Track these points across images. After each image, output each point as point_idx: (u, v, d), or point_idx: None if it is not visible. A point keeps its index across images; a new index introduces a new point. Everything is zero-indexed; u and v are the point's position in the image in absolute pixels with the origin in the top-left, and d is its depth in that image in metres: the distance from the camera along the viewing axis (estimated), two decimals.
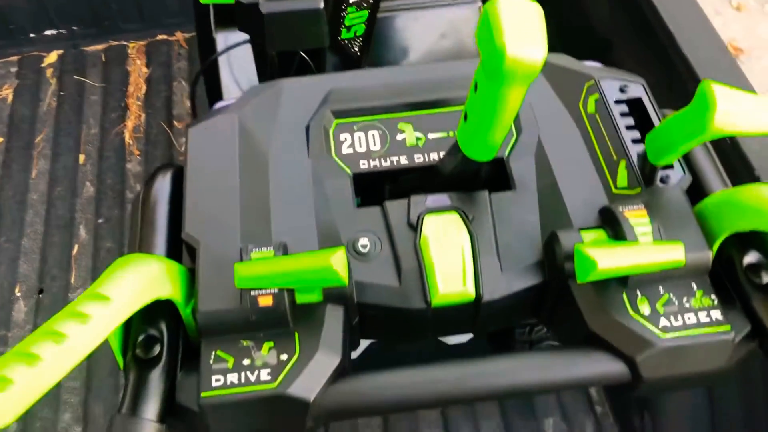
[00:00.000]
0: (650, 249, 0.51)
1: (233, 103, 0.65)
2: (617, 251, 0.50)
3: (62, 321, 0.43)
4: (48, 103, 1.80)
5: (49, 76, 1.86)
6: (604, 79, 0.64)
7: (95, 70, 1.86)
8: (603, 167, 0.60)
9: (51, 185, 1.66)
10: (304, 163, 0.61)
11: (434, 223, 0.57)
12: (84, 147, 1.73)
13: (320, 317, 0.53)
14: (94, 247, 1.53)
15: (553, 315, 0.59)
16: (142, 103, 1.80)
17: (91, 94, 1.82)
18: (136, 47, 1.89)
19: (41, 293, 1.49)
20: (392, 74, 0.68)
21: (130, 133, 1.74)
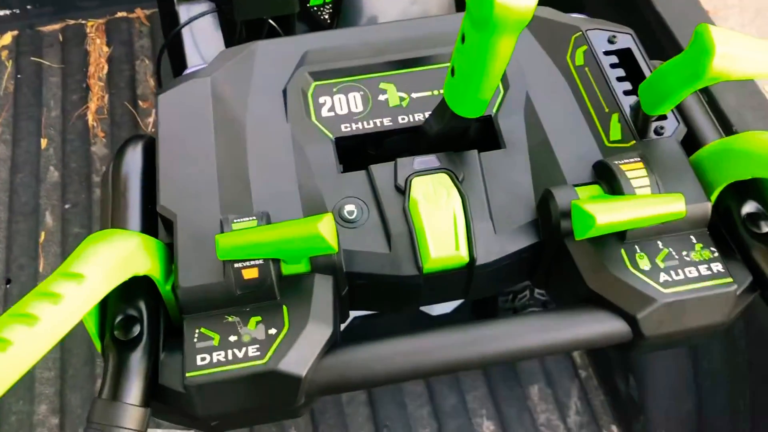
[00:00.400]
0: (650, 201, 0.49)
1: (204, 68, 0.61)
2: (616, 205, 0.48)
3: (33, 302, 0.40)
4: (5, 86, 1.73)
5: (4, 58, 1.78)
6: (592, 31, 0.62)
7: (53, 50, 1.79)
8: (595, 121, 0.58)
9: (13, 171, 1.60)
10: (282, 128, 0.58)
11: (423, 185, 0.54)
12: (45, 131, 1.66)
13: (309, 288, 0.50)
14: (62, 233, 1.48)
15: (550, 276, 0.57)
16: (104, 83, 1.73)
17: (50, 75, 1.75)
18: (95, 26, 1.82)
19: (9, 283, 1.43)
20: (372, 32, 0.65)
21: (93, 115, 1.68)
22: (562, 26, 0.63)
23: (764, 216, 0.53)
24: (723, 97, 1.05)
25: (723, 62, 0.47)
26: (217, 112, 0.58)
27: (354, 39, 0.63)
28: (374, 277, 0.53)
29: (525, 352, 0.51)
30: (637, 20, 1.17)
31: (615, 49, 0.61)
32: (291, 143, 0.57)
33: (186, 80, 0.60)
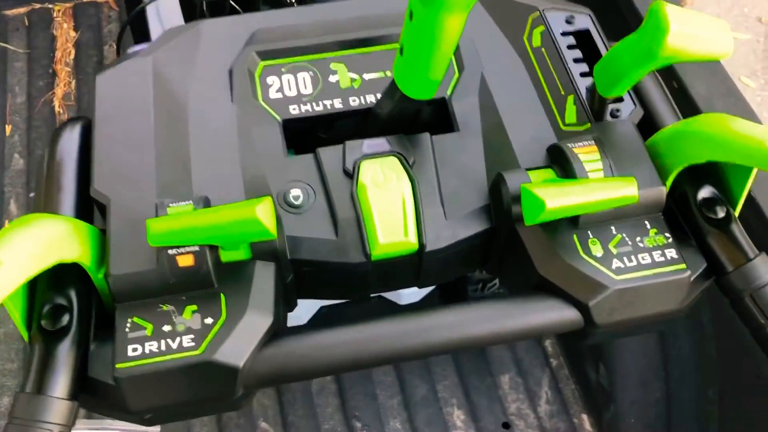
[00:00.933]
0: (602, 186, 0.47)
1: (146, 48, 0.59)
2: (567, 189, 0.47)
3: None
4: None
5: None
6: (549, 11, 0.60)
7: (18, 35, 1.74)
8: (550, 103, 0.56)
9: None
10: (227, 109, 0.55)
11: (372, 169, 0.53)
12: (10, 117, 1.62)
13: (249, 276, 0.48)
14: None
15: (503, 263, 0.56)
16: (71, 68, 1.69)
17: (15, 60, 1.70)
18: (62, 10, 1.78)
19: None
20: (324, 11, 0.62)
21: (60, 101, 1.65)
22: (519, 6, 0.61)
23: (720, 201, 0.51)
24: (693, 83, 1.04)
25: (677, 41, 0.46)
26: (158, 93, 0.55)
27: (305, 17, 0.61)
28: (320, 265, 0.52)
29: (472, 341, 0.49)
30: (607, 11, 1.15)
31: (572, 30, 0.59)
32: (236, 125, 0.55)
33: (126, 60, 0.57)
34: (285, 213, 0.52)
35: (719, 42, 0.47)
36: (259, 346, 0.47)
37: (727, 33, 0.48)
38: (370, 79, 0.58)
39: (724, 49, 0.47)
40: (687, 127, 0.50)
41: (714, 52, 0.47)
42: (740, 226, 0.51)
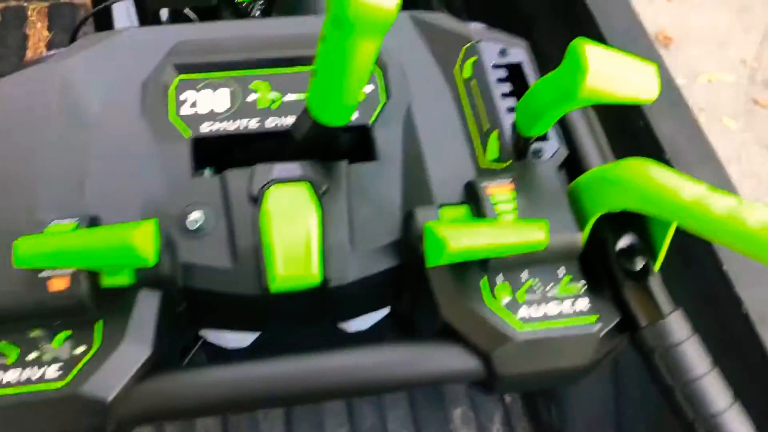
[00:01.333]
0: (509, 228, 0.45)
1: (59, 53, 0.56)
2: (471, 230, 0.44)
3: None
4: None
5: None
6: (485, 41, 0.58)
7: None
8: (474, 138, 0.54)
9: None
10: (135, 123, 0.53)
11: (279, 195, 0.50)
12: None
13: (129, 303, 0.45)
14: None
15: (414, 302, 0.53)
16: None
17: None
18: (36, 9, 1.76)
19: None
20: (253, 26, 0.60)
21: None
22: (454, 36, 0.59)
23: (640, 251, 0.49)
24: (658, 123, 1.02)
25: (597, 82, 0.43)
26: (63, 102, 0.53)
27: (232, 32, 0.58)
28: (215, 295, 0.49)
29: (368, 387, 0.46)
30: None
31: (505, 62, 0.57)
32: (142, 141, 0.52)
33: (35, 64, 0.54)
34: (182, 237, 0.49)
35: (643, 85, 0.45)
36: (134, 379, 0.43)
37: (653, 76, 0.45)
38: (292, 100, 0.56)
39: (648, 93, 0.45)
40: (606, 172, 0.47)
41: (637, 95, 0.45)
42: (659, 280, 0.48)
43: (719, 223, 0.40)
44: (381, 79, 0.56)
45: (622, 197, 0.46)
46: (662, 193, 0.43)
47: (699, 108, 2.07)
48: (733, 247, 0.40)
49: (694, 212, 0.41)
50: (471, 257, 0.45)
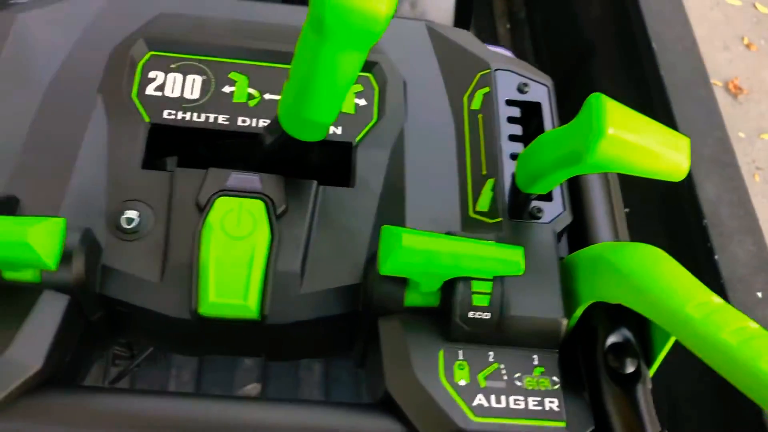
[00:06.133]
0: (479, 245, 0.38)
1: (24, 2, 0.50)
2: (433, 237, 0.38)
3: None
4: None
5: None
6: (502, 72, 0.50)
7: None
8: (468, 182, 0.46)
9: None
10: (90, 96, 0.47)
11: (227, 208, 0.43)
12: None
13: (28, 305, 0.39)
14: None
15: (365, 358, 0.46)
16: None
17: None
18: None
19: None
20: (247, 9, 0.53)
21: None
22: (472, 58, 0.51)
23: (633, 352, 0.41)
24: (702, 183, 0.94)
25: (613, 149, 0.35)
26: (15, 58, 0.47)
27: (223, 12, 0.52)
28: (136, 309, 0.42)
29: None
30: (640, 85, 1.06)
31: (521, 99, 0.49)
32: (94, 117, 0.46)
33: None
34: (111, 237, 0.42)
35: (671, 161, 0.37)
36: (16, 393, 0.37)
37: (684, 151, 0.37)
38: (272, 100, 0.49)
39: (675, 171, 0.37)
40: (608, 253, 0.39)
41: (661, 170, 0.37)
42: (648, 391, 0.40)
43: (730, 353, 0.32)
44: (377, 94, 0.49)
45: (619, 289, 0.38)
46: (665, 300, 0.35)
47: (757, 167, 1.94)
48: (744, 385, 0.32)
49: (699, 332, 0.33)
50: (429, 266, 0.38)
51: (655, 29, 1.09)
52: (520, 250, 0.38)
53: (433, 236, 0.38)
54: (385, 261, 0.37)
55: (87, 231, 0.40)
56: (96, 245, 0.41)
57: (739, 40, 2.22)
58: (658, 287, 0.35)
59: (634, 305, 0.36)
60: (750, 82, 2.12)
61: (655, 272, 0.36)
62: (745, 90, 2.11)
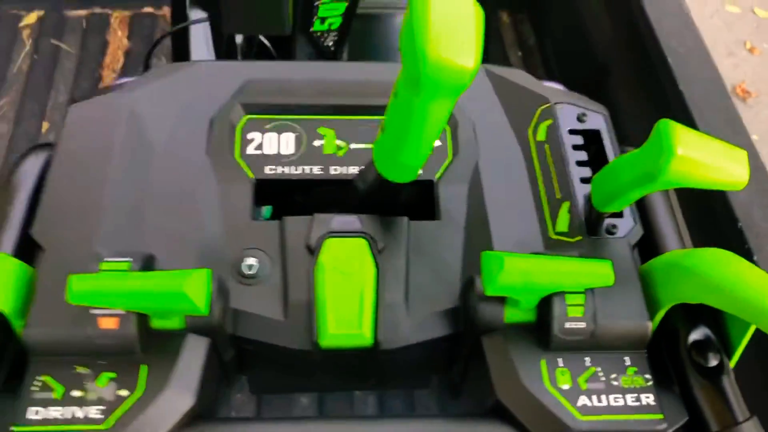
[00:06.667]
0: (572, 261, 0.43)
1: (131, 81, 0.56)
2: (530, 258, 0.42)
3: None
4: (19, 65, 1.72)
5: (25, 37, 1.78)
6: (562, 105, 0.55)
7: (74, 36, 1.78)
8: (544, 206, 0.51)
9: (9, 151, 1.57)
10: (199, 160, 0.52)
11: (336, 248, 0.48)
12: (50, 114, 1.64)
13: (177, 349, 0.44)
14: None
15: (466, 374, 0.50)
16: (116, 75, 1.71)
17: (66, 60, 1.73)
18: (119, 18, 1.81)
19: None
20: (323, 70, 0.59)
21: None
22: (531, 95, 0.57)
23: (714, 347, 0.45)
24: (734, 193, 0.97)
25: (683, 166, 0.40)
26: (131, 133, 0.53)
27: (302, 74, 0.58)
28: (264, 346, 0.47)
29: None
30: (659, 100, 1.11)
31: (582, 128, 0.54)
32: (205, 179, 0.52)
33: (106, 92, 0.55)
34: (235, 283, 0.48)
35: (732, 172, 0.42)
36: (175, 429, 0.42)
37: (743, 163, 0.42)
38: (358, 149, 0.54)
39: (737, 180, 0.42)
40: (683, 260, 0.44)
41: (725, 181, 0.42)
42: (733, 381, 0.44)
43: None
44: (450, 135, 0.55)
45: (697, 290, 0.43)
46: (742, 293, 0.40)
47: None
48: None
49: None
50: (527, 286, 0.42)
51: (669, 45, 1.14)
52: (609, 263, 0.43)
53: (531, 257, 0.43)
54: (490, 283, 0.42)
55: (220, 278, 0.46)
56: (226, 291, 0.47)
57: (741, 45, 2.28)
58: (738, 283, 0.40)
59: (716, 303, 0.41)
60: (757, 86, 2.17)
61: (732, 271, 0.41)
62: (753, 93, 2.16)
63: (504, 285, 0.42)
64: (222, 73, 0.57)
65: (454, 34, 0.38)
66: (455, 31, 0.38)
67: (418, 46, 0.37)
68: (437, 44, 0.37)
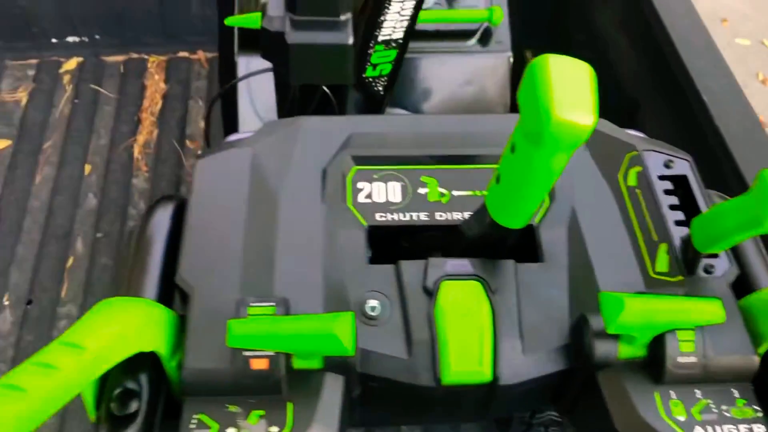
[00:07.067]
0: (685, 300, 0.46)
1: (248, 138, 0.60)
2: (647, 298, 0.46)
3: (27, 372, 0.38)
4: (61, 109, 1.77)
5: (65, 82, 1.83)
6: (648, 152, 0.60)
7: (113, 80, 1.83)
8: (641, 248, 0.55)
9: (53, 193, 1.62)
10: (317, 209, 0.56)
11: (453, 291, 0.52)
12: (91, 157, 1.69)
13: (318, 387, 0.47)
14: (90, 261, 1.49)
15: (575, 406, 0.54)
16: (155, 118, 1.76)
17: (106, 104, 1.78)
18: (156, 62, 1.87)
19: (29, 304, 1.43)
20: (420, 123, 0.63)
21: (140, 148, 1.71)
22: (618, 142, 0.61)
23: None
24: None
25: None
26: (254, 185, 0.57)
27: (401, 127, 0.62)
28: (389, 383, 0.51)
29: None
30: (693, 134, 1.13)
31: (670, 174, 0.58)
32: (323, 226, 0.55)
33: (227, 148, 0.59)
34: (359, 324, 0.51)
35: None
36: None
37: None
38: (459, 196, 0.58)
39: None
40: None
41: None
42: None
43: None
44: None
45: None
46: None
47: None
48: None
49: None
50: (645, 324, 0.46)
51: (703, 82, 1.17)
52: (719, 301, 0.47)
53: (648, 298, 0.47)
54: (611, 322, 0.46)
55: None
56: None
57: (754, 76, 2.34)
58: None
59: None
60: None
61: None
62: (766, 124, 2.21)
63: (624, 324, 0.46)
64: (327, 127, 0.61)
65: (574, 94, 0.42)
66: (574, 92, 0.42)
67: (542, 107, 0.41)
68: (560, 105, 0.41)
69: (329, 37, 0.81)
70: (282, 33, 0.81)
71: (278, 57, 0.88)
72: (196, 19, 1.83)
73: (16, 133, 1.69)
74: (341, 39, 0.81)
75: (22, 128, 1.71)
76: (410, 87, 1.23)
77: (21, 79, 1.80)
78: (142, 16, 1.82)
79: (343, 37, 0.81)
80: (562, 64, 0.42)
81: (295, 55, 0.84)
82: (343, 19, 0.81)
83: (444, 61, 1.22)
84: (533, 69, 0.43)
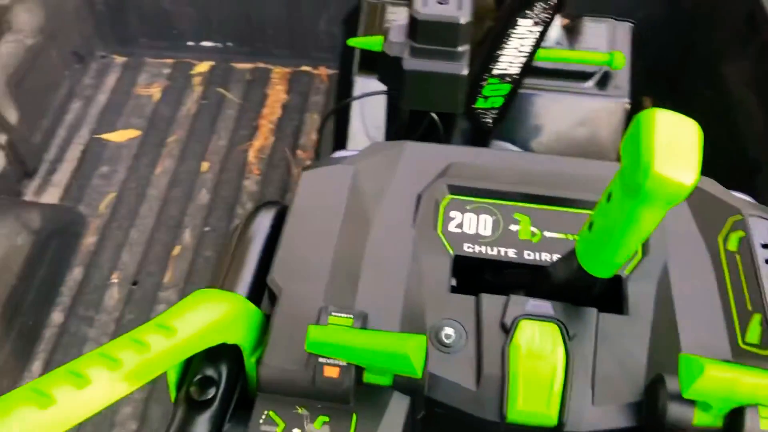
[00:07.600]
0: None
1: (353, 156, 0.63)
2: (731, 366, 0.44)
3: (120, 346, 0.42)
4: (188, 108, 1.89)
5: (196, 83, 1.95)
6: (753, 218, 0.58)
7: (238, 86, 1.94)
8: (733, 315, 0.53)
9: (170, 185, 1.72)
10: (406, 232, 0.58)
11: (530, 330, 0.52)
12: (209, 156, 1.79)
13: (384, 403, 0.49)
14: (194, 252, 1.57)
15: None
16: (273, 126, 1.85)
17: (229, 108, 1.89)
18: (280, 73, 1.96)
19: (135, 285, 1.53)
20: (519, 159, 0.64)
21: (254, 152, 1.79)
22: (721, 204, 0.59)
23: None
24: None
25: None
26: (351, 202, 0.59)
27: (500, 162, 0.63)
28: (454, 411, 0.51)
29: None
30: None
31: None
32: (411, 249, 0.57)
33: (333, 163, 0.62)
34: (432, 349, 0.52)
35: None
36: None
37: None
38: (551, 237, 0.58)
39: None
40: None
41: None
42: None
43: None
44: None
45: None
46: None
47: None
48: None
49: None
50: (728, 394, 0.44)
51: None
52: None
53: (732, 366, 0.45)
54: (687, 386, 0.44)
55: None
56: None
57: None
58: None
59: None
60: None
61: None
62: None
63: (701, 390, 0.44)
64: (428, 154, 0.63)
65: (677, 151, 0.41)
66: (678, 148, 0.41)
67: (642, 160, 0.41)
68: (661, 161, 0.41)
69: (445, 66, 0.83)
70: (400, 58, 0.84)
71: (393, 81, 0.91)
72: (323, 35, 1.90)
73: (146, 125, 1.82)
74: (456, 69, 0.83)
75: (152, 121, 1.84)
76: (520, 122, 1.23)
77: (156, 76, 1.93)
78: (273, 29, 1.91)
79: (458, 68, 0.83)
80: (669, 120, 0.42)
81: (410, 81, 0.87)
82: (460, 51, 0.83)
83: (558, 100, 1.22)
84: (639, 121, 0.43)
